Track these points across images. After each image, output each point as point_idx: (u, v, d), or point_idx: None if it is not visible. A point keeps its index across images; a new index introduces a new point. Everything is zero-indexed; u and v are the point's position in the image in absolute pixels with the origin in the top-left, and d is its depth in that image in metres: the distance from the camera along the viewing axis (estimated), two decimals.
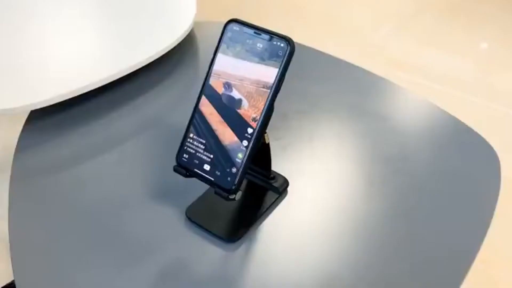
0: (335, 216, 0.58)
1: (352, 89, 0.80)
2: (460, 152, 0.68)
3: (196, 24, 0.92)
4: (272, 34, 0.48)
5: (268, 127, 0.51)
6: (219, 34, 0.49)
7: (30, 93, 0.72)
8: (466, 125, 0.72)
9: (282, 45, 0.47)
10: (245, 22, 0.50)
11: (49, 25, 0.92)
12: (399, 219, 0.58)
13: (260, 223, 0.56)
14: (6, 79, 0.76)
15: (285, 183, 0.60)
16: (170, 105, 0.77)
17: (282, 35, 0.47)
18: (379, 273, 0.52)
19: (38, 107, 0.69)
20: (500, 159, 0.66)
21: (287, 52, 0.47)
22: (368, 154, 0.67)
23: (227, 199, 0.50)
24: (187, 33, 0.87)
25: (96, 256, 0.53)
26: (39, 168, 0.63)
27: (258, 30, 0.48)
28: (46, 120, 0.71)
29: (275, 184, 0.59)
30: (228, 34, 0.50)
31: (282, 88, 0.48)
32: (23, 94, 0.72)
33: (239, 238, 0.54)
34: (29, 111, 0.72)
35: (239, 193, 0.50)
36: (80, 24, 0.93)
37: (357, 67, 0.84)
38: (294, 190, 0.60)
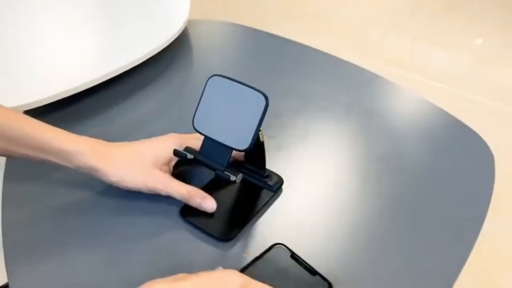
0: (330, 214, 0.58)
1: (346, 86, 0.79)
2: (455, 148, 0.68)
3: (189, 22, 0.92)
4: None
5: (262, 125, 0.50)
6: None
7: (23, 93, 0.72)
8: (461, 121, 0.72)
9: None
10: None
11: (42, 25, 0.92)
12: (395, 216, 0.58)
13: (255, 221, 0.56)
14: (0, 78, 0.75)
15: (280, 181, 0.60)
16: (164, 103, 0.77)
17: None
18: (375, 271, 0.52)
19: (31, 107, 0.69)
20: (494, 155, 0.66)
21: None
22: (363, 151, 0.67)
23: (229, 181, 0.51)
24: (181, 31, 0.87)
25: (91, 257, 0.52)
26: (32, 168, 0.63)
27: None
28: (39, 120, 0.71)
29: (270, 183, 0.59)
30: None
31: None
32: (16, 94, 0.71)
33: (233, 237, 0.54)
34: (22, 111, 0.71)
35: (239, 176, 0.51)
36: (72, 24, 0.92)
37: (352, 64, 0.84)
38: (289, 188, 0.60)
